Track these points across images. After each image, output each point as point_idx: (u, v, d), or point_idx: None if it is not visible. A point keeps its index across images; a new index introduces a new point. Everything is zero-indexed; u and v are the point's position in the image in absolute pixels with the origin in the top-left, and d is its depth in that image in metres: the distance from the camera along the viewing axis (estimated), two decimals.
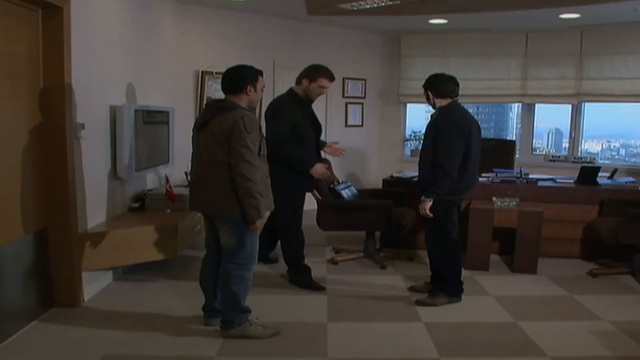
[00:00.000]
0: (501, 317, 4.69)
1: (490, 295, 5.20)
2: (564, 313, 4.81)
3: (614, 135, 9.62)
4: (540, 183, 6.53)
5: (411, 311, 4.77)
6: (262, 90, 4.17)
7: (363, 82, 9.42)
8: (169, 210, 5.60)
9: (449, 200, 4.78)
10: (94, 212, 4.93)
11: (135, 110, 5.27)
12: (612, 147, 9.70)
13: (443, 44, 9.18)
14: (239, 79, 4.02)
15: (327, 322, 4.48)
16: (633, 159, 9.12)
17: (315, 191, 5.81)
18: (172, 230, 5.15)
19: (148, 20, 6.26)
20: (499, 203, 6.00)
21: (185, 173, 6.52)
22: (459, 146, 4.64)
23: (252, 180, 3.81)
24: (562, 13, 7.39)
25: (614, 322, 4.57)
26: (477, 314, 4.75)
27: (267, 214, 4.02)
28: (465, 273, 5.71)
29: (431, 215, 4.74)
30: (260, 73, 4.15)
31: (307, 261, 5.53)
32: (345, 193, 6.04)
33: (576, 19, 7.61)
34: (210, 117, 3.97)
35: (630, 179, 6.64)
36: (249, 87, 4.02)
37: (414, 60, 9.44)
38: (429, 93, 4.93)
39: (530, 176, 6.76)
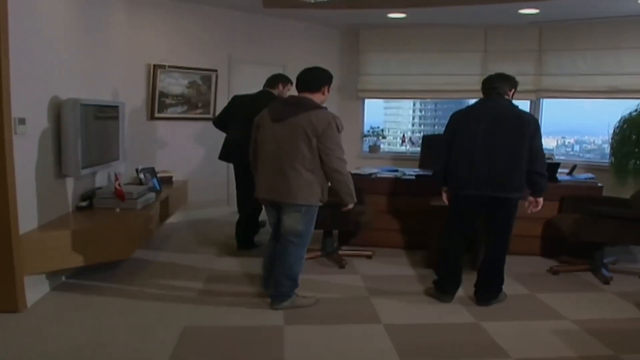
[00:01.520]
0: (463, 317, 4.56)
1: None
2: (526, 312, 4.70)
3: (568, 131, 9.64)
4: None
5: (371, 313, 4.61)
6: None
7: None
8: (118, 209, 5.34)
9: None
10: (37, 212, 4.64)
11: (82, 105, 5.00)
12: (567, 143, 9.72)
13: (402, 39, 9.05)
14: (318, 79, 4.47)
15: (283, 326, 4.28)
16: (587, 155, 9.15)
17: None
18: (121, 231, 4.91)
19: (97, 12, 5.95)
20: None
21: (136, 170, 6.28)
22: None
23: (345, 174, 4.39)
24: (521, 8, 7.32)
25: (577, 321, 4.47)
26: (438, 315, 4.62)
27: None
28: (427, 272, 5.67)
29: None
30: (331, 77, 4.59)
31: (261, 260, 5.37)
32: None
33: (535, 14, 7.57)
34: (289, 113, 4.32)
35: (589, 175, 6.60)
36: (325, 88, 4.48)
37: (373, 55, 9.31)
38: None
39: None
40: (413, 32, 8.97)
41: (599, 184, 6.28)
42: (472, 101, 7.40)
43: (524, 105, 8.65)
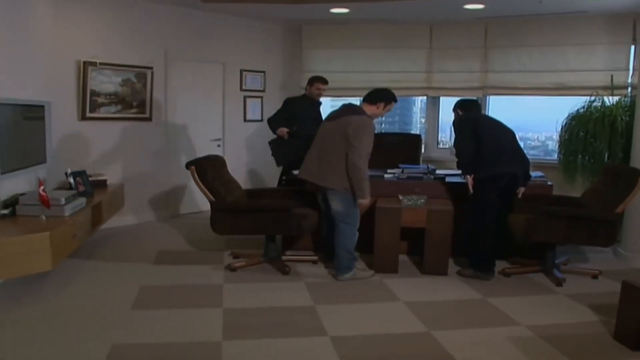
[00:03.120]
0: (413, 326, 4.33)
1: (400, 301, 4.84)
2: (479, 319, 4.50)
3: (515, 128, 9.57)
4: (448, 179, 6.25)
5: (316, 324, 4.32)
6: (385, 112, 5.51)
7: (262, 74, 8.94)
8: (44, 217, 4.92)
9: None
10: None
11: (1, 105, 4.59)
12: None
13: (346, 35, 8.84)
14: (378, 94, 5.41)
15: (222, 341, 3.96)
16: (532, 152, 9.10)
17: None
18: (46, 240, 4.48)
19: (19, 6, 5.50)
20: (406, 201, 5.65)
21: (66, 173, 5.88)
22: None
23: (361, 170, 5.06)
24: (466, 3, 7.16)
25: (531, 326, 4.30)
26: (387, 324, 4.37)
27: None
28: (374, 277, 5.47)
29: None
30: (394, 99, 5.46)
31: (202, 268, 5.39)
32: None
33: (480, 10, 7.42)
34: (342, 114, 5.27)
35: (539, 173, 6.45)
36: (382, 104, 5.36)
37: (316, 51, 9.06)
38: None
39: (438, 172, 6.48)
40: (357, 28, 8.77)
41: (549, 183, 6.15)
42: (418, 99, 7.31)
43: None
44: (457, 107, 5.85)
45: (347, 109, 5.37)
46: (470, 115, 5.71)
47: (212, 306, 4.65)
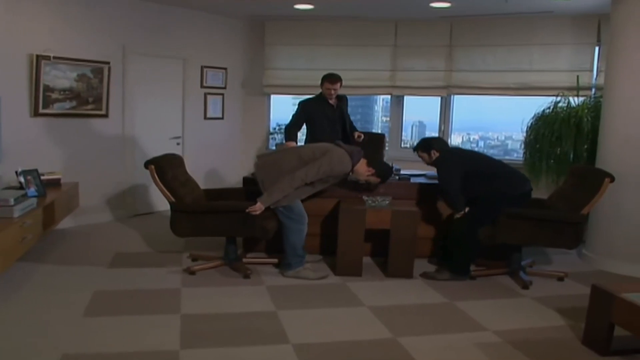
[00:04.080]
0: (378, 332, 4.19)
1: (364, 306, 4.70)
2: (446, 324, 4.39)
3: (479, 128, 9.60)
4: (413, 179, 6.15)
5: (278, 330, 4.15)
6: (365, 180, 5.54)
7: (224, 71, 8.74)
8: None
9: None
10: None
11: None
12: (471, 139, 9.70)
13: (310, 31, 8.71)
14: (377, 164, 5.49)
15: (179, 350, 3.77)
16: (491, 151, 9.12)
17: None
18: None
19: None
20: (370, 202, 5.52)
21: (16, 172, 5.61)
22: None
23: (291, 185, 5.11)
24: (433, 2, 7.08)
25: (499, 331, 4.21)
26: (351, 330, 4.22)
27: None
28: (336, 280, 5.34)
29: None
30: (386, 175, 5.60)
31: (159, 271, 5.21)
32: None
33: (447, 8, 7.34)
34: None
35: None
36: (372, 170, 5.42)
37: (279, 48, 8.91)
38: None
39: (403, 172, 6.37)
40: (321, 25, 8.65)
41: None
42: (380, 97, 7.21)
43: (434, 101, 8.54)
44: (430, 148, 5.60)
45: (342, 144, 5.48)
46: (448, 149, 5.72)
47: (170, 312, 4.44)
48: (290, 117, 6.63)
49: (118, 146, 7.52)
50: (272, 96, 9.43)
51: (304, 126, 6.65)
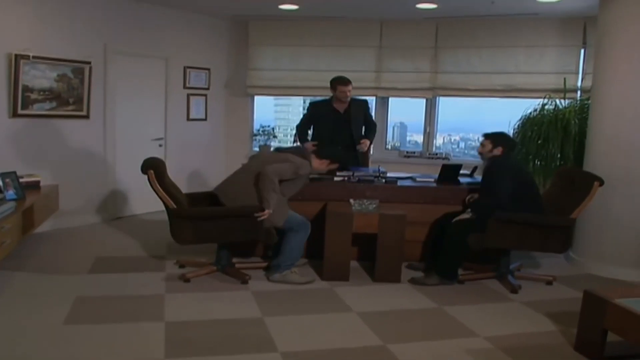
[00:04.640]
0: (367, 339, 4.10)
1: (353, 312, 4.61)
2: (436, 330, 4.31)
3: (457, 129, 9.58)
4: (400, 182, 6.07)
5: (265, 338, 4.05)
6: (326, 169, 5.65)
7: (207, 71, 8.63)
8: None
9: None
10: None
11: None
12: (452, 140, 9.70)
13: (294, 32, 8.62)
14: (328, 152, 5.68)
15: (164, 359, 3.66)
16: (473, 152, 9.07)
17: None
18: None
19: None
20: (357, 206, 5.44)
21: None
22: None
23: (272, 181, 5.02)
24: (419, 3, 7.02)
25: (490, 337, 4.15)
26: (340, 337, 4.13)
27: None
28: (323, 285, 5.25)
29: None
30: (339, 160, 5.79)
31: (143, 277, 5.18)
32: None
33: (433, 9, 7.29)
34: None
35: None
36: (325, 161, 5.55)
37: (263, 49, 8.81)
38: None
39: (389, 175, 6.28)
40: (306, 25, 8.58)
41: None
42: (365, 97, 7.15)
43: (419, 102, 8.49)
44: (500, 143, 5.37)
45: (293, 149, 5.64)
46: (511, 160, 5.41)
47: (154, 320, 4.32)
48: (301, 119, 6.92)
49: (99, 148, 7.37)
50: (256, 97, 9.33)
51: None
